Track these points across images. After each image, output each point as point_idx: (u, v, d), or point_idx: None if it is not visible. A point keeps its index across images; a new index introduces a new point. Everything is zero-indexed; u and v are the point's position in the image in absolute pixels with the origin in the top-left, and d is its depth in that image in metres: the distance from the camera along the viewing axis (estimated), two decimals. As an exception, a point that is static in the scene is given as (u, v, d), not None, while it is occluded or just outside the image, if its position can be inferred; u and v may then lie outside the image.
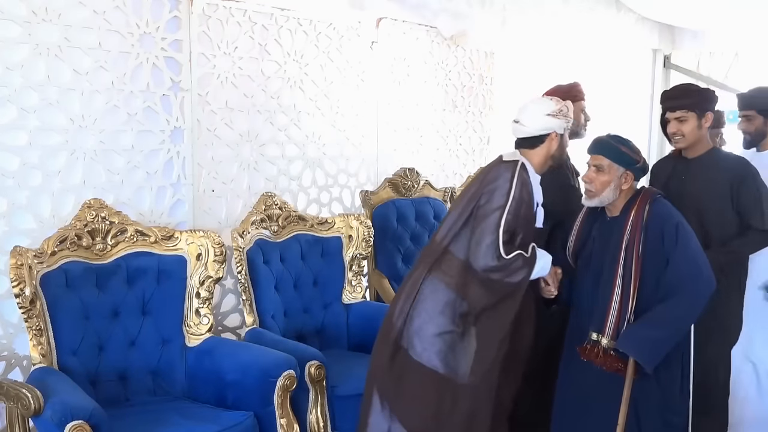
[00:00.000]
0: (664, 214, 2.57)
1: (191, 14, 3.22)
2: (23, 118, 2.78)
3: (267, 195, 3.47)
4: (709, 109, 2.93)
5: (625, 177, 2.58)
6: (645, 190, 2.64)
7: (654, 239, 2.53)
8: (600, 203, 2.62)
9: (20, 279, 2.52)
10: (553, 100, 2.76)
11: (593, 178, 2.60)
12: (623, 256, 2.54)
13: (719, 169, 2.91)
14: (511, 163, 2.64)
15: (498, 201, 2.56)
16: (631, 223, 2.55)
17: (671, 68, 6.36)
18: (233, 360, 2.87)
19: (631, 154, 2.59)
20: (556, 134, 2.71)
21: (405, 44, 4.26)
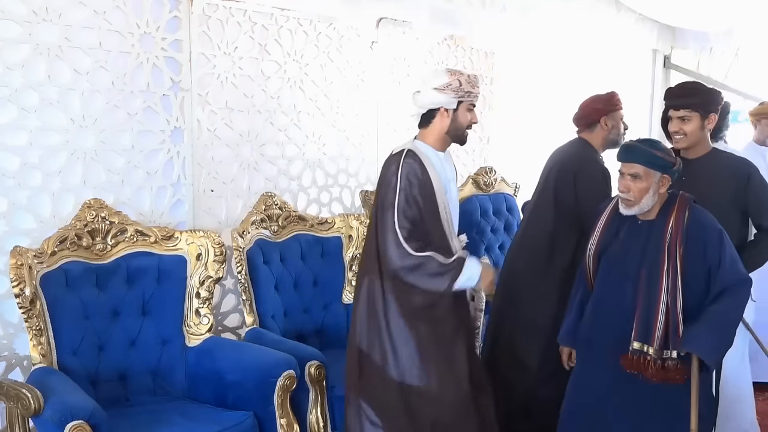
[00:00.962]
0: (705, 221, 2.50)
1: (191, 14, 3.22)
2: (23, 118, 2.78)
3: (267, 195, 3.47)
4: (714, 110, 2.87)
5: (662, 181, 2.49)
6: (681, 195, 2.56)
7: (695, 245, 2.46)
8: (640, 211, 2.51)
9: (20, 279, 2.52)
10: (448, 73, 2.58)
11: (630, 186, 2.48)
12: (666, 261, 2.45)
13: (722, 169, 2.86)
14: (397, 155, 2.57)
15: (390, 197, 2.51)
16: (672, 229, 2.47)
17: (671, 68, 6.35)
18: (233, 360, 2.87)
19: (666, 156, 2.49)
20: (445, 110, 2.57)
21: (405, 44, 4.26)
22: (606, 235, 2.63)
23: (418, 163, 2.53)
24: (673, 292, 2.43)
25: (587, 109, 3.29)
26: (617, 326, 2.52)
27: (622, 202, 2.52)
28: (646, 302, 2.46)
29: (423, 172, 2.54)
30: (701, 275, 2.46)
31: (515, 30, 4.76)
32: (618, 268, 2.58)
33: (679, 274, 2.43)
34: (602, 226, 2.65)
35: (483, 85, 4.87)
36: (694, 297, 2.45)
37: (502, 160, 4.78)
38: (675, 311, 2.42)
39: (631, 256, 2.54)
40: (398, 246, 2.47)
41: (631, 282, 2.51)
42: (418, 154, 2.56)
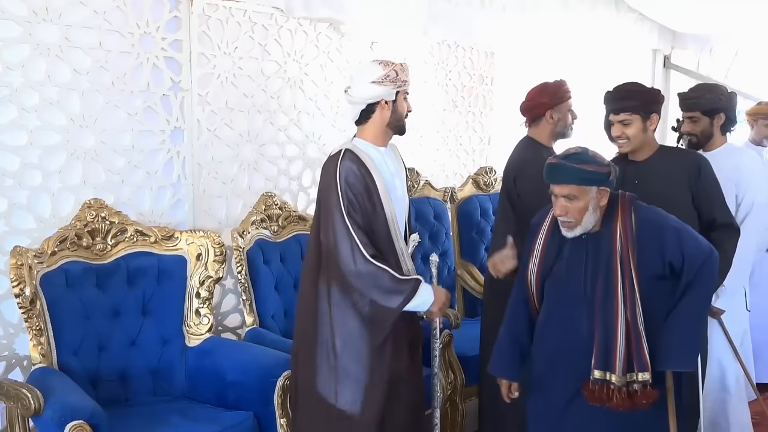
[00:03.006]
0: (656, 220, 2.29)
1: (191, 14, 3.22)
2: (23, 118, 2.78)
3: (267, 195, 3.47)
4: (655, 110, 2.75)
5: (600, 194, 2.26)
6: (622, 196, 2.33)
7: (650, 250, 2.26)
8: (584, 231, 2.29)
9: (20, 279, 2.52)
10: (380, 65, 2.54)
11: (567, 208, 2.26)
12: (620, 276, 2.23)
13: (673, 166, 2.76)
14: (334, 156, 2.52)
15: (332, 200, 2.46)
16: (621, 237, 2.25)
17: (671, 68, 6.37)
18: (233, 360, 2.87)
19: (599, 168, 2.24)
20: (385, 102, 2.54)
21: (405, 44, 4.26)
22: (547, 256, 2.38)
23: (357, 163, 2.48)
24: (632, 309, 2.21)
25: (532, 102, 3.21)
26: (573, 354, 2.29)
27: (562, 225, 2.30)
28: (603, 325, 2.23)
29: (362, 171, 2.48)
30: (661, 279, 2.27)
31: (515, 30, 4.77)
32: (566, 290, 2.34)
33: (636, 286, 2.22)
34: (541, 245, 2.39)
35: (483, 85, 4.87)
36: (656, 305, 2.26)
37: (502, 160, 4.76)
38: (636, 330, 2.21)
39: (578, 275, 2.31)
40: (354, 250, 2.41)
41: (584, 304, 2.28)
42: (357, 153, 2.51)
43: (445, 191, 4.33)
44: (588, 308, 2.27)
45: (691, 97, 3.06)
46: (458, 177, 4.71)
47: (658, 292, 2.27)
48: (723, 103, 3.01)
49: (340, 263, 2.44)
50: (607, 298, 2.24)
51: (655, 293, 2.26)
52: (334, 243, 2.45)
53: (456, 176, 4.71)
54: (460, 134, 4.75)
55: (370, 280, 2.42)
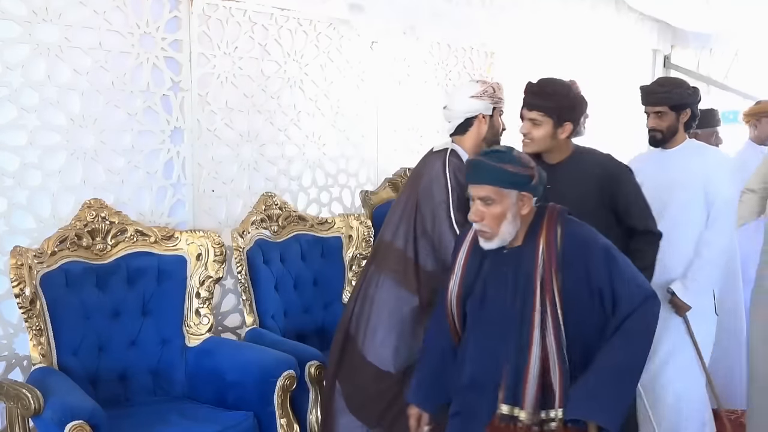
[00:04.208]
0: (584, 236, 2.02)
1: (191, 14, 3.22)
2: (23, 118, 2.78)
3: (267, 195, 3.47)
4: (570, 119, 2.56)
5: (522, 201, 1.99)
6: (550, 208, 2.06)
7: (576, 270, 1.96)
8: (503, 242, 2.01)
9: (20, 279, 2.52)
10: (478, 82, 2.73)
11: (483, 213, 1.98)
12: (538, 297, 1.95)
13: (586, 171, 2.59)
14: (441, 153, 2.65)
15: (440, 195, 2.57)
16: (543, 254, 1.97)
17: (671, 68, 6.37)
18: (233, 360, 2.87)
19: (521, 170, 1.98)
20: (483, 116, 2.69)
21: (405, 44, 4.26)
22: (468, 273, 2.10)
23: (462, 164, 2.59)
24: (555, 336, 1.92)
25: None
26: (490, 386, 1.98)
27: (479, 235, 2.03)
28: (516, 353, 1.95)
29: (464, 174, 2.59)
30: (590, 306, 1.97)
31: (515, 30, 4.77)
32: (486, 312, 2.05)
33: (560, 311, 1.93)
34: (463, 261, 2.12)
35: (483, 85, 4.87)
36: (583, 336, 1.96)
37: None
38: (555, 361, 1.91)
39: (499, 295, 2.03)
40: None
41: (505, 328, 1.99)
42: (460, 155, 2.64)
43: (445, 191, 4.33)
44: (506, 333, 1.98)
45: (659, 91, 2.88)
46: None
47: (589, 319, 1.97)
48: (690, 99, 2.87)
49: (443, 254, 2.54)
50: (523, 323, 1.95)
51: (586, 319, 1.97)
52: (438, 234, 2.57)
53: (456, 176, 4.70)
54: (460, 134, 4.74)
55: None
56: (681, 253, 2.86)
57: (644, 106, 2.94)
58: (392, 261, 2.66)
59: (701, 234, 2.87)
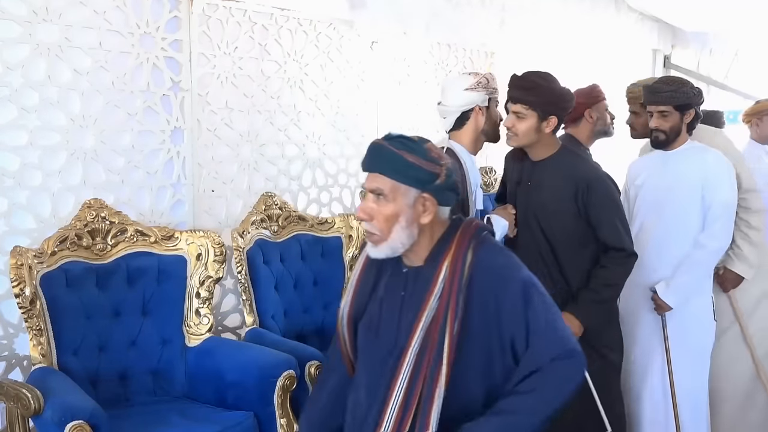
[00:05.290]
0: (499, 266, 1.67)
1: (191, 14, 3.22)
2: (23, 118, 2.78)
3: (267, 195, 3.47)
4: (554, 113, 2.52)
5: (421, 204, 1.65)
6: (466, 225, 1.71)
7: (485, 306, 1.63)
8: (393, 252, 1.68)
9: (20, 279, 2.52)
10: (470, 74, 2.69)
11: (372, 210, 1.67)
12: (422, 332, 1.62)
13: (563, 174, 2.56)
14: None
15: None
16: (445, 280, 1.63)
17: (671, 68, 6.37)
18: (233, 360, 2.87)
19: (425, 163, 1.64)
20: (479, 108, 2.64)
21: (405, 44, 4.26)
22: (361, 292, 1.80)
23: (459, 163, 2.57)
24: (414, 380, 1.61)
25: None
26: (371, 426, 1.70)
27: (366, 237, 1.73)
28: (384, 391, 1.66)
29: (461, 170, 2.56)
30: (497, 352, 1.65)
31: (515, 30, 4.77)
32: (377, 338, 1.75)
33: (446, 354, 1.60)
34: (356, 278, 1.82)
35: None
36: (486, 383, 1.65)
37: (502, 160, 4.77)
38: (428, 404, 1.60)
39: (392, 319, 1.72)
40: None
41: (393, 359, 1.68)
42: (458, 155, 2.60)
43: (445, 191, 4.32)
44: (395, 365, 1.67)
45: (665, 90, 2.83)
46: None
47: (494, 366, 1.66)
48: (695, 99, 2.84)
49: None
50: (395, 357, 1.65)
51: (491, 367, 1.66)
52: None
53: (456, 176, 4.70)
54: (460, 134, 4.74)
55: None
56: (675, 255, 2.86)
57: (648, 105, 2.90)
58: None
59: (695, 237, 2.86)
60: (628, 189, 3.07)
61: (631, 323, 2.94)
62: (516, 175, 2.74)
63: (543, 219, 2.61)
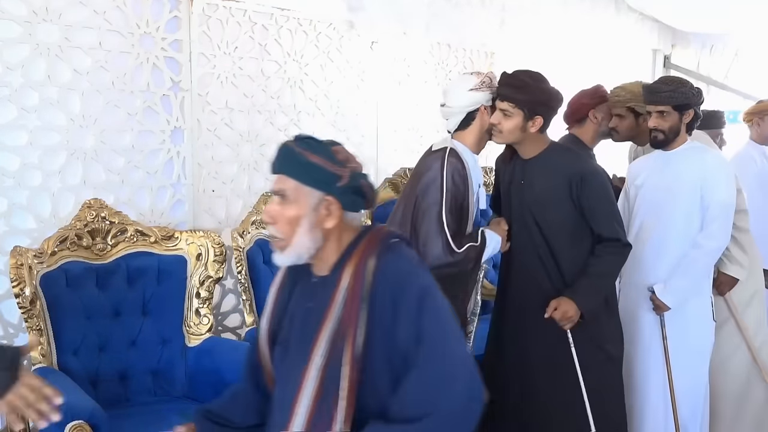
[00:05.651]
0: (400, 272, 1.56)
1: (191, 14, 3.22)
2: (23, 118, 2.78)
3: (267, 195, 3.46)
4: (540, 113, 2.53)
5: (325, 207, 1.57)
6: (374, 232, 1.64)
7: (384, 313, 1.52)
8: (297, 258, 1.60)
9: (20, 279, 2.52)
10: (473, 74, 2.69)
11: (275, 213, 1.59)
12: (326, 344, 1.53)
13: (557, 169, 2.58)
14: (439, 152, 2.60)
15: (434, 196, 2.53)
16: (347, 290, 1.54)
17: (671, 68, 6.37)
18: (233, 360, 2.86)
19: (329, 165, 1.57)
20: (485, 107, 2.64)
21: (405, 44, 4.26)
22: (278, 305, 1.73)
23: (461, 163, 2.57)
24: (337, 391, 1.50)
25: (575, 105, 3.28)
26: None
27: (271, 242, 1.66)
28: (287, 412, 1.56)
29: (465, 171, 2.57)
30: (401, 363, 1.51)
31: (515, 30, 4.77)
32: (287, 355, 1.66)
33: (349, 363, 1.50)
34: (275, 290, 1.75)
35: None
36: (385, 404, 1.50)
37: (502, 160, 4.78)
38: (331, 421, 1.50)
39: (298, 335, 1.64)
40: (446, 245, 2.50)
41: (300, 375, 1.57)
42: (460, 155, 2.59)
43: (445, 191, 4.32)
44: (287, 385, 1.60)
45: (664, 90, 2.83)
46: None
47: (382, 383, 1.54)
48: (694, 99, 2.83)
49: (427, 255, 2.50)
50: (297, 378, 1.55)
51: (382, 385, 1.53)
52: (426, 235, 2.53)
53: (456, 176, 4.71)
54: (460, 134, 4.74)
55: (463, 263, 2.53)
56: (674, 255, 2.86)
57: (647, 104, 2.90)
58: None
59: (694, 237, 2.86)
60: (628, 189, 3.07)
61: (631, 323, 2.94)
62: (508, 176, 2.76)
63: (539, 215, 2.63)
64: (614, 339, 2.76)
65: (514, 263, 2.73)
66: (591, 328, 2.59)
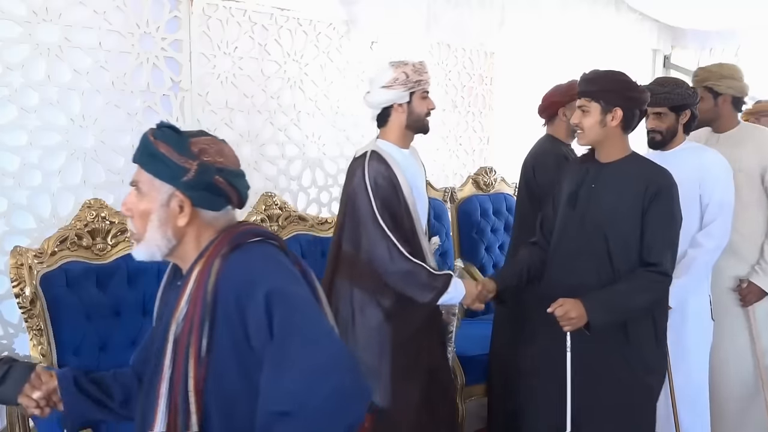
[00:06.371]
0: (246, 272, 1.44)
1: (191, 14, 3.22)
2: (23, 118, 2.78)
3: (267, 195, 3.47)
4: (619, 104, 2.40)
5: (177, 204, 1.48)
6: (228, 232, 1.53)
7: (229, 318, 1.42)
8: (150, 255, 1.52)
9: (20, 279, 2.52)
10: (391, 68, 2.55)
11: (131, 206, 1.51)
12: (169, 357, 1.44)
13: (633, 177, 2.43)
14: (361, 159, 2.56)
15: (364, 204, 2.48)
16: (191, 295, 1.44)
17: (671, 68, 6.36)
18: (233, 360, 2.86)
19: (177, 157, 1.44)
20: (399, 105, 2.56)
21: (405, 44, 4.26)
22: (161, 303, 1.67)
23: (384, 164, 2.52)
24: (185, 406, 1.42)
25: (546, 102, 3.31)
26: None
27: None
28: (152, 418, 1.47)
29: (389, 172, 2.52)
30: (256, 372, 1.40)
31: (515, 30, 4.76)
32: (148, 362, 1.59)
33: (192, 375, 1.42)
34: (160, 292, 1.70)
35: (483, 85, 4.87)
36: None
37: (502, 160, 4.78)
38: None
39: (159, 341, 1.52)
40: (391, 250, 2.44)
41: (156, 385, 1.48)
42: (382, 155, 2.54)
43: (445, 191, 4.33)
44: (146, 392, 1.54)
45: (660, 92, 2.81)
46: (458, 177, 4.71)
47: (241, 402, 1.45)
48: (690, 99, 2.84)
49: (376, 265, 2.46)
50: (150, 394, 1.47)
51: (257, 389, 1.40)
52: (369, 246, 2.47)
53: (456, 176, 4.71)
54: (460, 134, 4.75)
55: (408, 277, 2.45)
56: None
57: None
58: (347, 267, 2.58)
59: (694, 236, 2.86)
60: None
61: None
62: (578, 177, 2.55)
63: (605, 223, 2.43)
64: (655, 367, 2.54)
65: (565, 266, 2.53)
66: (630, 351, 2.44)
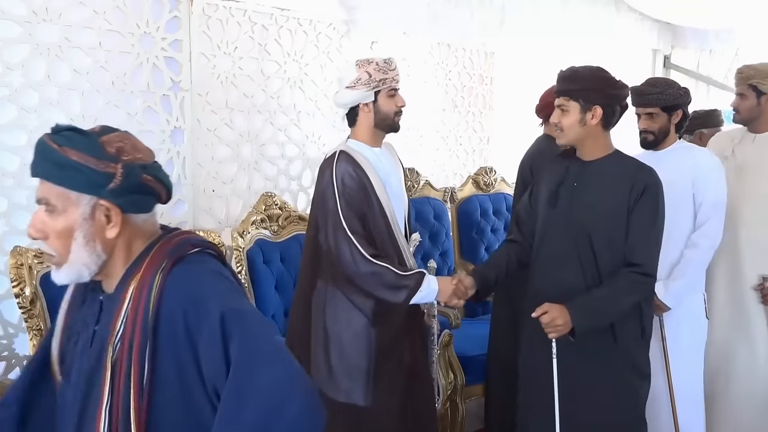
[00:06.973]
0: (193, 291, 1.32)
1: (191, 14, 3.22)
2: (23, 118, 2.78)
3: (267, 195, 3.47)
4: (598, 102, 2.34)
5: (103, 214, 1.33)
6: (167, 241, 1.40)
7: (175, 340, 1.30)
8: (78, 276, 1.37)
9: (20, 279, 2.52)
10: (354, 67, 2.53)
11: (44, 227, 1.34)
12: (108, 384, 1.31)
13: (617, 175, 2.38)
14: (329, 159, 2.54)
15: (331, 204, 2.46)
16: (128, 311, 1.31)
17: (671, 68, 6.36)
18: (233, 360, 2.86)
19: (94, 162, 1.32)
20: (365, 105, 2.54)
21: (405, 44, 4.26)
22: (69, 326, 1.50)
23: (352, 164, 2.50)
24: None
25: (543, 102, 3.32)
26: None
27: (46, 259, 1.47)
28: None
29: (358, 172, 2.49)
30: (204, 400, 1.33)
31: (515, 30, 4.76)
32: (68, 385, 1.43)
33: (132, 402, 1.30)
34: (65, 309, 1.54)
35: (483, 85, 4.87)
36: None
37: (502, 160, 4.78)
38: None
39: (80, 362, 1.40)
40: (353, 252, 2.42)
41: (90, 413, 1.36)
42: (351, 154, 2.53)
43: (445, 191, 4.33)
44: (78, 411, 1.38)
45: (651, 92, 2.82)
46: (458, 177, 4.71)
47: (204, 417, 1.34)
48: (682, 99, 2.84)
49: (342, 266, 2.45)
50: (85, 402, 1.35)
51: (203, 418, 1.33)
52: (335, 246, 2.46)
53: (456, 176, 4.71)
54: (460, 134, 4.75)
55: (373, 279, 2.43)
56: (671, 255, 2.85)
57: (635, 107, 2.90)
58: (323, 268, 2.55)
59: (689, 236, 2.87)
60: None
61: None
62: (557, 176, 2.51)
63: (588, 222, 2.39)
64: (644, 369, 2.50)
65: (549, 267, 2.50)
66: (618, 353, 2.41)
